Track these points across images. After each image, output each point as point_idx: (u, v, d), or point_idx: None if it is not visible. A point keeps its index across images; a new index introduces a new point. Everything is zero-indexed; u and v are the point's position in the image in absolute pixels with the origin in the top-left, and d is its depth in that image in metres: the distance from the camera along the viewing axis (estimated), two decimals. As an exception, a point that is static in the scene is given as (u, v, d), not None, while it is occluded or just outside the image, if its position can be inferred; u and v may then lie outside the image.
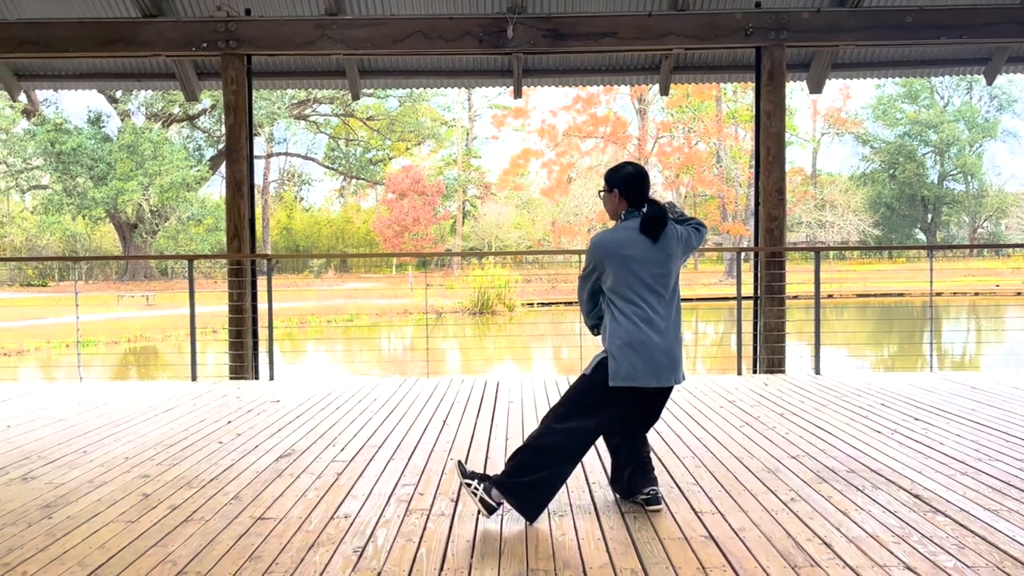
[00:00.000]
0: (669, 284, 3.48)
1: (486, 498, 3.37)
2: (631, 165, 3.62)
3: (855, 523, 3.32)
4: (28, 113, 39.27)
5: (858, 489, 3.77)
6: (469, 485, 3.42)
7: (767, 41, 7.61)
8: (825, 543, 3.10)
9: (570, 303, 29.50)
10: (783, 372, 7.73)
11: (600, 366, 3.45)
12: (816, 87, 8.23)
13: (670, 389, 3.57)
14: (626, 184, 3.56)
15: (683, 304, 3.59)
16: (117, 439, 5.01)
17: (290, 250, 49.95)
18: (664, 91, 8.38)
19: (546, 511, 3.50)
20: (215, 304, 17.05)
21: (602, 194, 3.66)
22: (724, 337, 23.59)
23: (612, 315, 3.47)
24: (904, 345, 18.16)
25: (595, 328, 3.69)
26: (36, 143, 38.63)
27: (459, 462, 3.55)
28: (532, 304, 30.83)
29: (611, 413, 3.46)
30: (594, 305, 3.64)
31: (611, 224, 3.65)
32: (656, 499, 3.54)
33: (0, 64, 8.05)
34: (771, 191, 7.67)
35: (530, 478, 3.35)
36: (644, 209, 3.50)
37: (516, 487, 3.36)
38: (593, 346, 3.77)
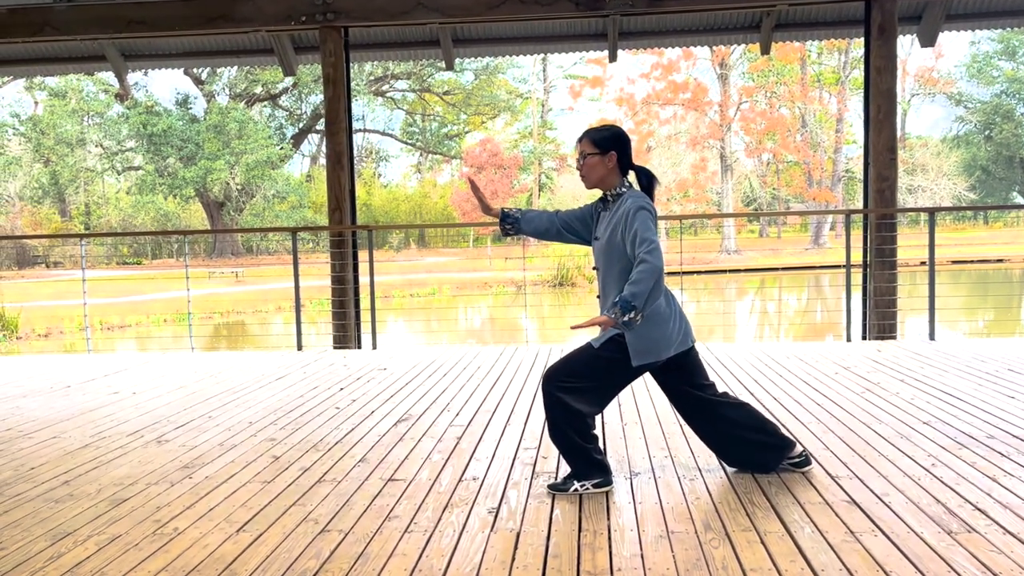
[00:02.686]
0: None
1: (590, 486, 3.28)
2: (614, 125, 3.35)
3: (1007, 489, 3.17)
4: (120, 97, 40.74)
5: (1003, 455, 3.60)
6: (576, 487, 3.27)
7: (877, -8, 7.26)
8: (979, 509, 2.96)
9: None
10: (894, 338, 7.46)
11: (612, 344, 3.24)
12: (928, 40, 7.82)
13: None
14: (622, 145, 3.26)
15: (765, 273, 3.42)
16: (238, 405, 5.16)
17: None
18: (765, 50, 8.08)
19: (676, 476, 3.47)
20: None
21: (588, 159, 3.25)
22: (810, 304, 22.97)
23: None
24: (1010, 310, 17.37)
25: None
26: (129, 126, 40.10)
27: (549, 487, 3.34)
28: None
29: (625, 382, 3.35)
30: None
31: (595, 194, 3.38)
32: (808, 460, 3.46)
33: (108, 45, 8.31)
34: (882, 150, 7.36)
35: (585, 452, 3.27)
36: (630, 175, 3.30)
37: (586, 468, 3.29)
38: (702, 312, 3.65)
